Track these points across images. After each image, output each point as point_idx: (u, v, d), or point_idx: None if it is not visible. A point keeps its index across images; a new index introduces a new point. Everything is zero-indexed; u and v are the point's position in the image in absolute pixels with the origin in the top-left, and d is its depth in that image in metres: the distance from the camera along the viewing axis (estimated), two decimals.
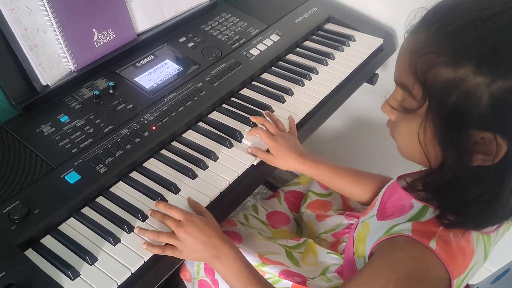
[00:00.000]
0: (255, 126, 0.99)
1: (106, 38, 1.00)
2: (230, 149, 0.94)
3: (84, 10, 0.95)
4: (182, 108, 0.98)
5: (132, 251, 0.75)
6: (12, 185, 0.78)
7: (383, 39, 1.28)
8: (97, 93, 0.95)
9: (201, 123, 1.00)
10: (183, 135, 0.97)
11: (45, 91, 0.92)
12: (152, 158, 0.91)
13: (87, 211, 0.80)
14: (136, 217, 0.79)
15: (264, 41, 1.19)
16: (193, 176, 0.88)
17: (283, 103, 1.07)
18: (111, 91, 0.97)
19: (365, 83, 1.26)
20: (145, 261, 0.74)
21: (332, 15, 1.34)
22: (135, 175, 0.88)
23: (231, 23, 1.22)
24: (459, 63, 0.54)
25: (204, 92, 1.03)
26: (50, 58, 0.92)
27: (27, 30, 0.88)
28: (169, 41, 1.12)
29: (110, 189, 0.84)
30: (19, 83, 0.89)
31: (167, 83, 1.02)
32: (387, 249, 0.64)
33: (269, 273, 0.88)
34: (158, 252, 0.75)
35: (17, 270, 0.69)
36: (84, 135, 0.88)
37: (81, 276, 0.71)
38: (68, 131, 0.88)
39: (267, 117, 0.99)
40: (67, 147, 0.86)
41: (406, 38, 0.63)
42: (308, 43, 1.27)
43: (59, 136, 0.87)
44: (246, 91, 1.09)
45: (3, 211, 0.75)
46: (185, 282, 1.02)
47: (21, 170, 0.81)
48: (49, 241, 0.75)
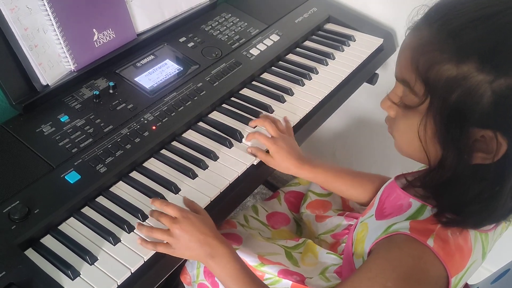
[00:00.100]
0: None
1: (106, 38, 1.00)
2: (230, 149, 0.94)
3: (84, 10, 0.95)
4: (182, 108, 0.98)
5: (132, 251, 0.75)
6: (12, 185, 0.78)
7: (383, 39, 1.28)
8: (97, 93, 0.95)
9: (201, 123, 1.00)
10: (183, 135, 0.97)
11: (45, 91, 0.92)
12: (152, 158, 0.91)
13: (87, 210, 0.80)
14: (136, 217, 0.79)
15: (264, 41, 1.19)
16: (193, 176, 0.88)
17: (283, 103, 1.07)
18: (111, 91, 0.97)
19: (365, 83, 1.26)
20: (145, 261, 0.74)
21: (332, 15, 1.34)
22: (135, 175, 0.88)
23: (231, 23, 1.22)
24: (462, 61, 0.54)
25: (204, 92, 1.03)
26: (50, 58, 0.92)
27: (27, 30, 0.88)
28: (169, 41, 1.12)
29: (110, 189, 0.84)
30: (19, 83, 0.89)
31: (167, 83, 1.02)
32: (385, 248, 0.64)
33: (269, 273, 0.88)
34: (150, 247, 0.74)
35: (17, 269, 0.69)
36: (84, 135, 0.88)
37: (81, 275, 0.71)
38: (68, 131, 0.88)
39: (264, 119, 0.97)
40: (67, 147, 0.86)
41: (407, 34, 0.63)
42: (308, 43, 1.27)
43: (59, 136, 0.87)
44: (246, 91, 1.09)
45: (3, 211, 0.75)
46: (185, 285, 1.02)
47: (21, 170, 0.81)
48: (49, 241, 0.75)
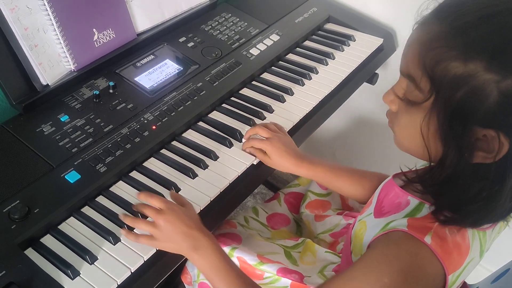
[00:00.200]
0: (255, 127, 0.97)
1: (106, 38, 1.00)
2: (230, 148, 0.94)
3: (84, 10, 0.95)
4: (182, 107, 0.98)
5: (132, 251, 0.75)
6: (12, 185, 0.78)
7: (383, 39, 1.28)
8: (97, 92, 0.95)
9: (201, 123, 1.00)
10: (183, 135, 0.97)
11: (45, 91, 0.92)
12: (152, 157, 0.91)
13: (87, 210, 0.80)
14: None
15: (264, 41, 1.19)
16: (193, 175, 0.88)
17: (283, 103, 1.07)
18: (111, 91, 0.97)
19: (365, 83, 1.26)
20: (145, 260, 0.74)
21: (332, 15, 1.34)
22: (135, 174, 0.88)
23: (231, 23, 1.22)
24: (469, 59, 0.53)
25: (204, 91, 1.03)
26: (50, 57, 0.92)
27: (27, 29, 0.88)
28: (169, 41, 1.12)
29: (110, 189, 0.84)
30: (19, 82, 0.89)
31: (167, 83, 1.02)
32: (382, 244, 0.64)
33: (268, 272, 0.88)
34: (132, 238, 0.74)
35: (17, 269, 0.69)
36: (84, 135, 0.88)
37: (81, 275, 0.71)
38: (68, 131, 0.88)
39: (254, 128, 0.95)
40: (67, 146, 0.86)
41: (415, 29, 0.61)
42: (308, 43, 1.27)
43: (59, 135, 0.87)
44: (246, 91, 1.09)
45: (3, 210, 0.75)
46: (186, 285, 1.02)
47: (21, 169, 0.81)
48: (49, 240, 0.75)
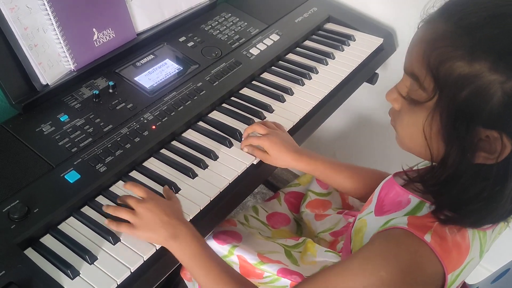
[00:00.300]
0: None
1: (106, 37, 1.00)
2: (230, 148, 0.94)
3: (84, 9, 0.95)
4: (182, 107, 0.98)
5: (131, 250, 0.75)
6: (12, 184, 0.78)
7: (383, 39, 1.28)
8: (97, 92, 0.95)
9: (201, 123, 1.00)
10: (183, 135, 0.97)
11: (45, 91, 0.92)
12: (152, 157, 0.91)
13: (86, 210, 0.80)
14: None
15: (264, 41, 1.19)
16: (193, 175, 0.88)
17: (283, 103, 1.07)
18: (111, 91, 0.97)
19: (365, 83, 1.26)
20: (145, 260, 0.74)
21: (332, 15, 1.34)
22: (134, 174, 0.88)
23: (231, 23, 1.22)
24: (475, 58, 0.53)
25: (204, 91, 1.03)
26: (50, 57, 0.92)
27: (27, 29, 0.88)
28: (169, 41, 1.12)
29: (110, 188, 0.84)
30: (19, 82, 0.89)
31: (167, 83, 1.02)
32: (382, 239, 0.64)
33: (268, 271, 0.88)
34: (113, 227, 0.75)
35: (17, 269, 0.69)
36: (84, 135, 0.88)
37: (80, 275, 0.71)
38: (68, 131, 0.88)
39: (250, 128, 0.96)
40: (67, 146, 0.86)
41: (421, 27, 0.61)
42: (308, 43, 1.27)
43: (59, 135, 0.87)
44: (246, 91, 1.09)
45: (3, 210, 0.75)
46: (186, 281, 1.02)
47: (21, 169, 0.81)
48: (48, 240, 0.75)
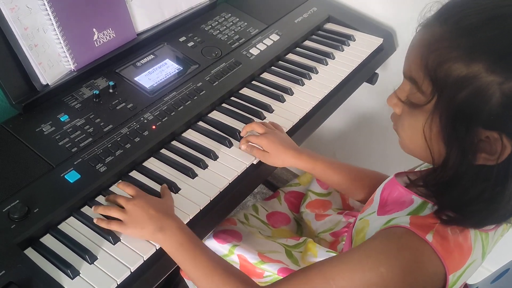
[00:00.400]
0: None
1: (106, 37, 1.00)
2: (230, 148, 0.94)
3: (84, 9, 0.95)
4: (182, 107, 0.98)
5: (131, 250, 0.75)
6: (12, 184, 0.78)
7: (383, 39, 1.28)
8: (97, 92, 0.95)
9: (201, 123, 1.00)
10: (183, 135, 0.97)
11: (45, 91, 0.92)
12: (152, 157, 0.91)
13: (87, 210, 0.80)
14: None
15: (264, 41, 1.19)
16: (193, 175, 0.88)
17: (283, 103, 1.07)
18: (111, 91, 0.97)
19: (365, 83, 1.26)
20: (145, 260, 0.74)
21: (332, 15, 1.34)
22: (134, 174, 0.88)
23: (231, 23, 1.22)
24: (473, 60, 0.53)
25: (204, 91, 1.03)
26: (50, 57, 0.92)
27: (27, 29, 0.88)
28: (169, 41, 1.12)
29: (110, 188, 0.84)
30: (19, 82, 0.89)
31: (167, 83, 1.02)
32: (383, 236, 0.64)
33: (268, 271, 0.88)
34: (104, 225, 0.76)
35: (17, 269, 0.69)
36: (84, 135, 0.88)
37: (80, 275, 0.71)
38: (68, 130, 0.88)
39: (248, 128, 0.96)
40: (67, 146, 0.86)
41: (419, 31, 0.61)
42: (308, 43, 1.27)
43: (59, 135, 0.87)
44: (246, 91, 1.09)
45: (3, 210, 0.75)
46: (186, 280, 1.02)
47: (21, 169, 0.81)
48: (48, 240, 0.75)
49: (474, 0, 0.56)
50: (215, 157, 0.92)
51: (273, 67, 1.17)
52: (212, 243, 0.93)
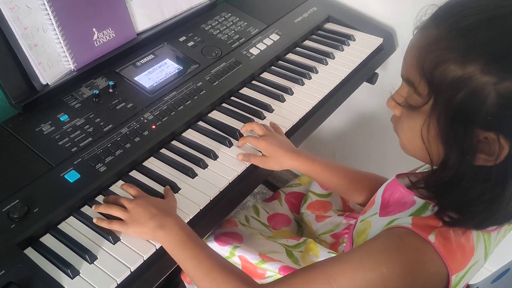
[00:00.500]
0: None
1: (106, 37, 1.00)
2: (230, 148, 0.94)
3: (84, 9, 0.95)
4: (182, 107, 0.98)
5: (131, 250, 0.75)
6: (11, 184, 0.78)
7: (383, 39, 1.28)
8: (97, 92, 0.95)
9: (201, 122, 1.00)
10: (183, 134, 0.97)
11: (44, 90, 0.92)
12: (152, 157, 0.91)
13: (86, 210, 0.80)
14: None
15: (264, 41, 1.19)
16: (193, 175, 0.88)
17: (283, 102, 1.07)
18: (111, 90, 0.97)
19: (365, 83, 1.26)
20: (145, 260, 0.74)
21: (331, 15, 1.34)
22: (134, 174, 0.88)
23: (231, 23, 1.22)
24: (468, 61, 0.53)
25: (204, 91, 1.03)
26: (50, 57, 0.92)
27: (27, 29, 0.88)
28: (169, 40, 1.12)
29: (109, 188, 0.84)
30: (19, 82, 0.89)
31: (167, 82, 1.02)
32: (385, 236, 0.64)
33: (270, 270, 0.88)
34: (105, 225, 0.76)
35: (17, 268, 0.69)
36: (84, 134, 0.88)
37: (80, 274, 0.71)
38: (67, 130, 0.88)
39: (248, 127, 0.97)
40: (66, 146, 0.86)
41: (415, 34, 0.62)
42: (308, 43, 1.27)
43: (59, 135, 0.87)
44: (246, 90, 1.09)
45: (3, 210, 0.75)
46: (186, 284, 1.02)
47: (21, 169, 0.81)
48: (48, 240, 0.75)
49: (469, 2, 0.56)
50: (215, 157, 0.92)
51: (273, 67, 1.17)
52: (213, 246, 0.93)
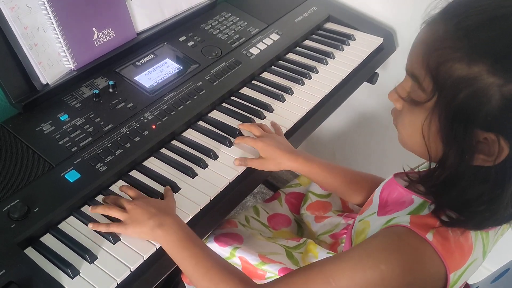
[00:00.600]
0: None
1: (106, 37, 1.00)
2: (230, 148, 0.94)
3: (84, 9, 0.95)
4: (182, 107, 0.98)
5: (131, 250, 0.75)
6: (12, 184, 0.78)
7: (383, 38, 1.28)
8: (97, 92, 0.95)
9: (201, 122, 1.00)
10: (183, 134, 0.97)
11: (45, 90, 0.92)
12: (152, 157, 0.91)
13: (87, 209, 0.80)
14: None
15: (264, 40, 1.19)
16: (193, 175, 0.88)
17: (283, 102, 1.07)
18: (111, 90, 0.97)
19: (365, 82, 1.26)
20: (145, 259, 0.74)
21: (332, 14, 1.34)
22: (134, 173, 0.88)
23: (231, 22, 1.22)
24: (474, 61, 0.53)
25: (204, 91, 1.03)
26: (50, 57, 0.92)
27: (27, 29, 0.88)
28: (169, 40, 1.12)
29: (109, 188, 0.84)
30: (19, 81, 0.89)
31: (167, 82, 1.02)
32: (383, 235, 0.64)
33: (269, 271, 0.88)
34: (103, 228, 0.75)
35: (17, 268, 0.69)
36: (84, 134, 0.88)
37: (80, 274, 0.71)
38: (68, 130, 0.88)
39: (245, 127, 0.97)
40: (67, 145, 0.86)
41: (423, 28, 0.61)
42: (308, 42, 1.27)
43: (59, 134, 0.87)
44: (246, 90, 1.09)
45: (3, 210, 0.75)
46: (186, 284, 1.02)
47: (21, 168, 0.81)
48: (48, 240, 0.75)
49: (473, 1, 0.56)
50: (215, 156, 0.92)
51: (273, 67, 1.17)
52: (213, 246, 0.93)
